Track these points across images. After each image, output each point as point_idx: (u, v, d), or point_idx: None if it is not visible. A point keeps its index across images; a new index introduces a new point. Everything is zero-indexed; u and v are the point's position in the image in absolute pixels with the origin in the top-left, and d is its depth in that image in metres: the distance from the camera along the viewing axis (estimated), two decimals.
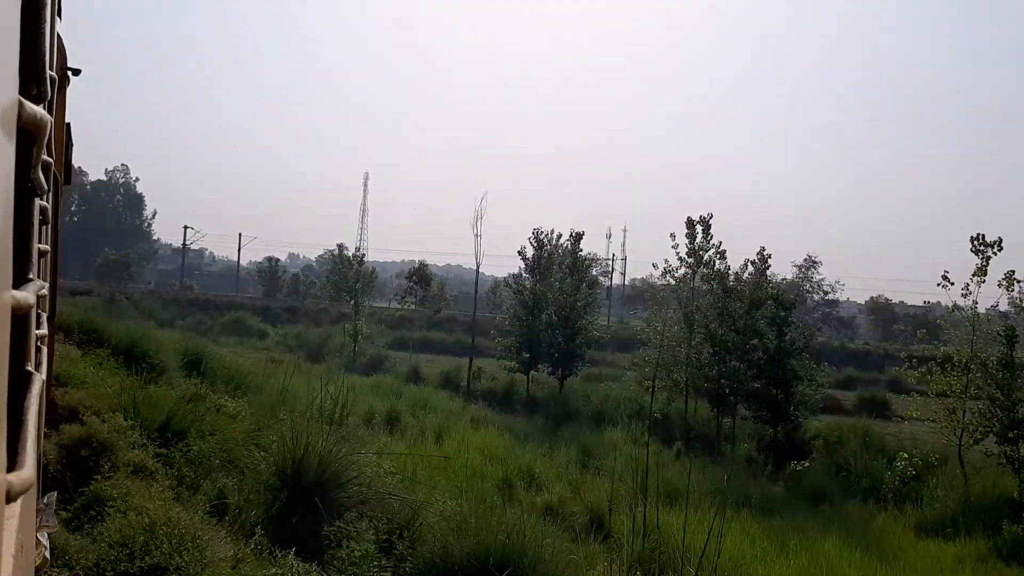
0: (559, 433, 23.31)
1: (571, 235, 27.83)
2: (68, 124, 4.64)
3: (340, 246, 73.43)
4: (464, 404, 27.12)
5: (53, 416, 6.91)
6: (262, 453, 7.79)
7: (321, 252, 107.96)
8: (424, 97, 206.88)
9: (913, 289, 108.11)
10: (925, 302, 37.75)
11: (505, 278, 72.88)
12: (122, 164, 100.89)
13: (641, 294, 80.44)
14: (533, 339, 27.94)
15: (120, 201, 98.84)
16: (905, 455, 18.11)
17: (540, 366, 28.80)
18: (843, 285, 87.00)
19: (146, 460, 6.78)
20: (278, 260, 72.12)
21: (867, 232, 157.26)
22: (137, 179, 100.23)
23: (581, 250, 27.86)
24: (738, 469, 19.68)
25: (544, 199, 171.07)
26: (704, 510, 15.51)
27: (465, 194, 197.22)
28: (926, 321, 74.40)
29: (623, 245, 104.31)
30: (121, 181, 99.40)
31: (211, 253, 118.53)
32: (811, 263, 76.40)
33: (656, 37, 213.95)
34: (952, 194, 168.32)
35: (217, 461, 7.61)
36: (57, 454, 6.51)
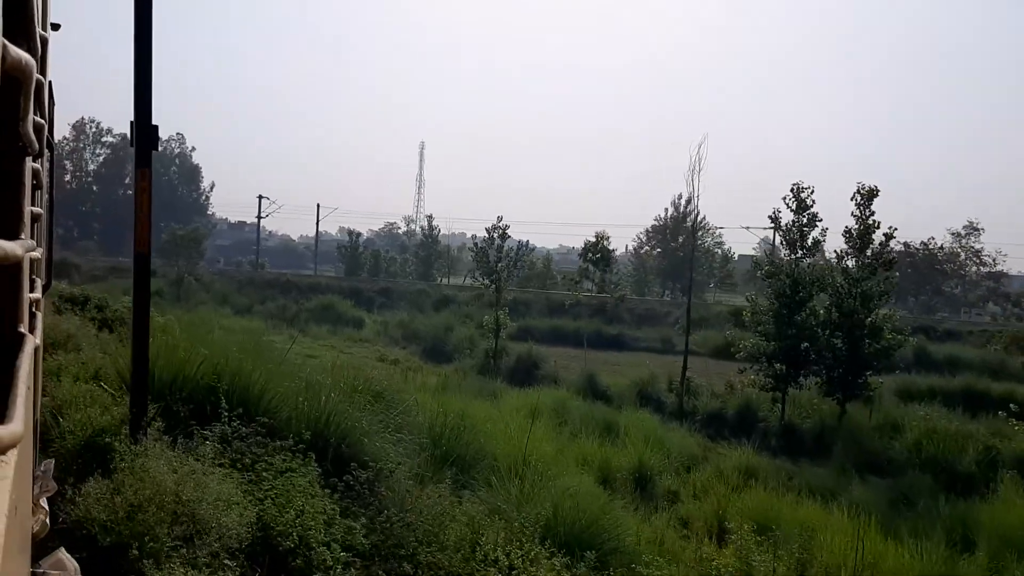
0: (910, 503, 14.64)
1: (858, 190, 18.89)
2: (50, 82, 3.67)
3: (429, 218, 65.32)
4: (696, 438, 18.79)
5: None
6: None
7: (381, 225, 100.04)
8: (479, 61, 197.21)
9: None
10: None
11: (637, 248, 63.79)
12: (177, 133, 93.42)
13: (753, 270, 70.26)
14: (794, 343, 19.24)
15: (176, 173, 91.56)
16: None
17: (800, 381, 20.07)
18: (1006, 256, 77.10)
19: None
20: (360, 234, 63.94)
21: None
22: (193, 149, 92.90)
23: (872, 213, 18.88)
24: None
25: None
26: None
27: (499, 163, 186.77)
28: None
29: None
30: (176, 152, 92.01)
31: (264, 227, 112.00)
32: (972, 229, 65.31)
33: None
34: None
35: None
36: None
